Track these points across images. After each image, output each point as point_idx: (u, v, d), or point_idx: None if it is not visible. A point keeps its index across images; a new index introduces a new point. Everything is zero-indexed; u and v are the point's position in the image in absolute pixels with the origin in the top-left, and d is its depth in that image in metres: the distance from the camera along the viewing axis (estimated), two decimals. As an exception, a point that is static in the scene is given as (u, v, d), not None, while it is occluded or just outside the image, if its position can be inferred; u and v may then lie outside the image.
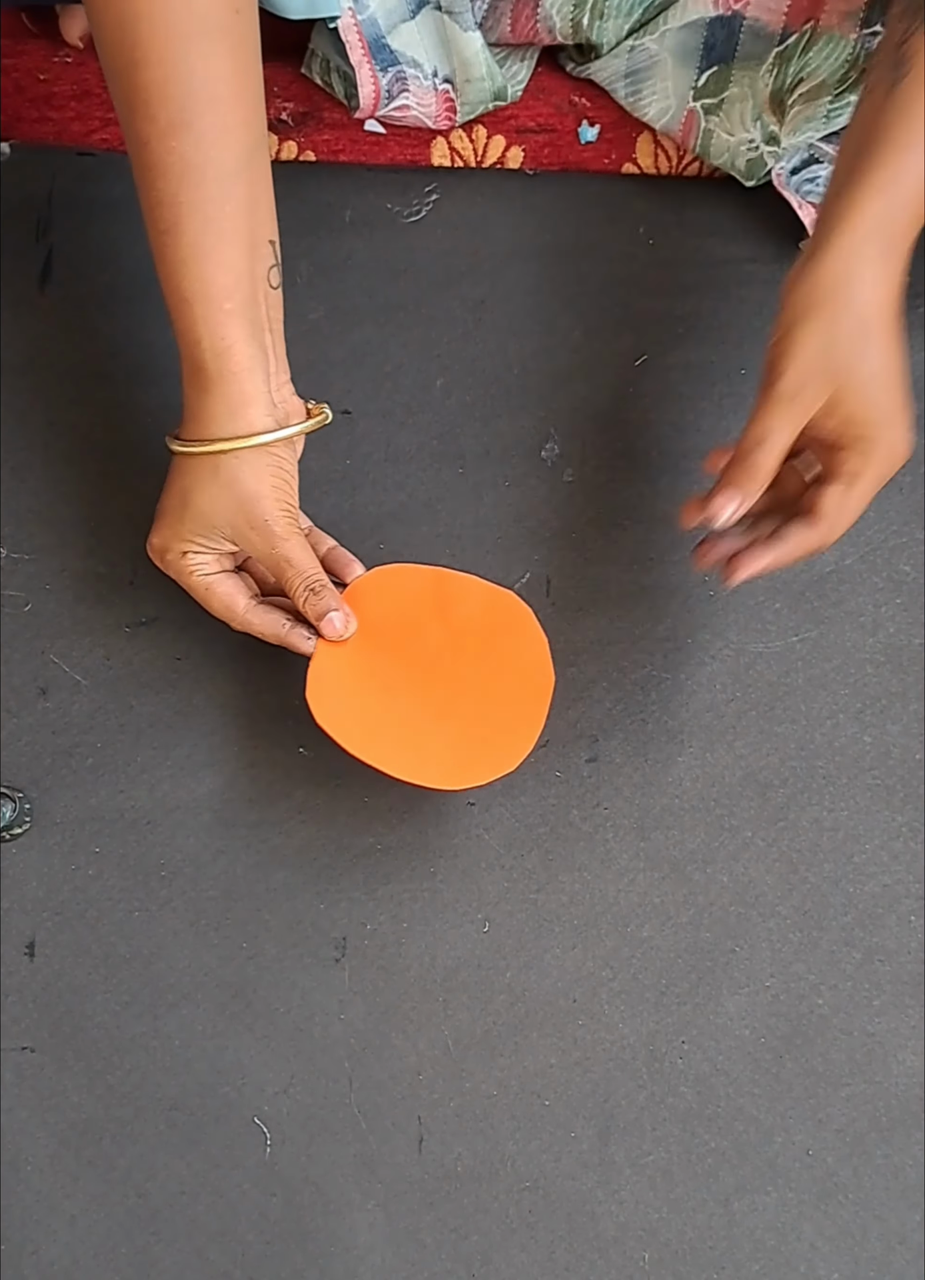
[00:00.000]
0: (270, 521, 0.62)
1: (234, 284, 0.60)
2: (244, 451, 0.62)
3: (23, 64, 0.82)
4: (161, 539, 0.65)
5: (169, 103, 0.56)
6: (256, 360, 0.62)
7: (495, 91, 0.79)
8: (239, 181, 0.59)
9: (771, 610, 0.75)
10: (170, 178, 0.58)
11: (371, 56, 0.76)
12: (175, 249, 0.59)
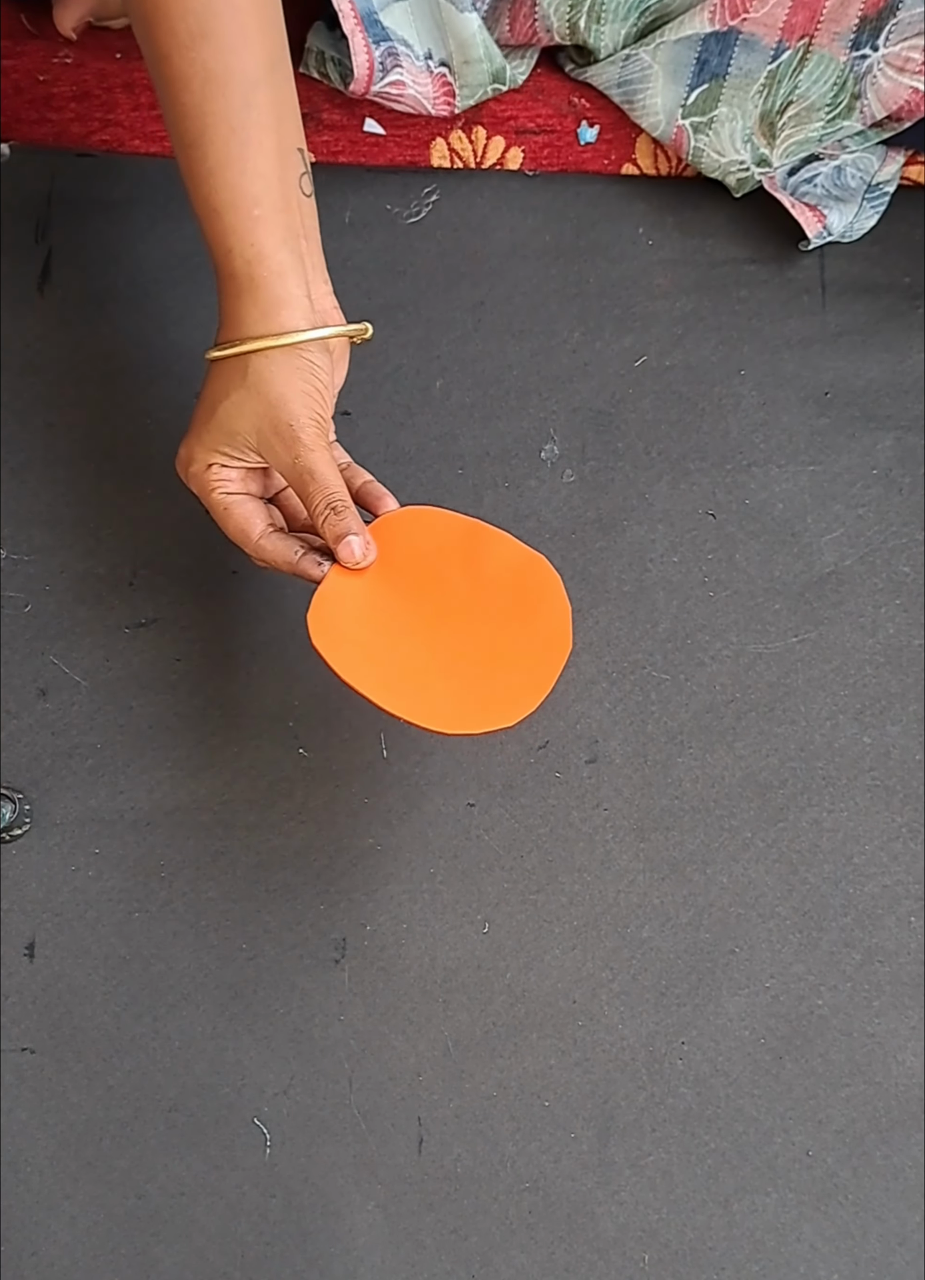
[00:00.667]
0: (296, 427, 0.59)
1: (263, 190, 0.59)
2: (274, 352, 0.59)
3: (22, 65, 0.82)
4: (187, 449, 0.63)
5: (188, 14, 0.56)
6: (289, 265, 0.60)
7: (494, 73, 0.78)
8: (262, 88, 0.58)
9: (771, 611, 0.76)
10: (193, 89, 0.57)
11: (364, 28, 0.75)
12: (202, 160, 0.58)
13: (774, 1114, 0.69)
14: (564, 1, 0.76)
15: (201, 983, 0.70)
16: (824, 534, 0.77)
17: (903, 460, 0.78)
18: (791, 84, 0.76)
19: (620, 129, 0.82)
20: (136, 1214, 0.68)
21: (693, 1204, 0.68)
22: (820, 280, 0.80)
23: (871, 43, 0.74)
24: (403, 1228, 0.68)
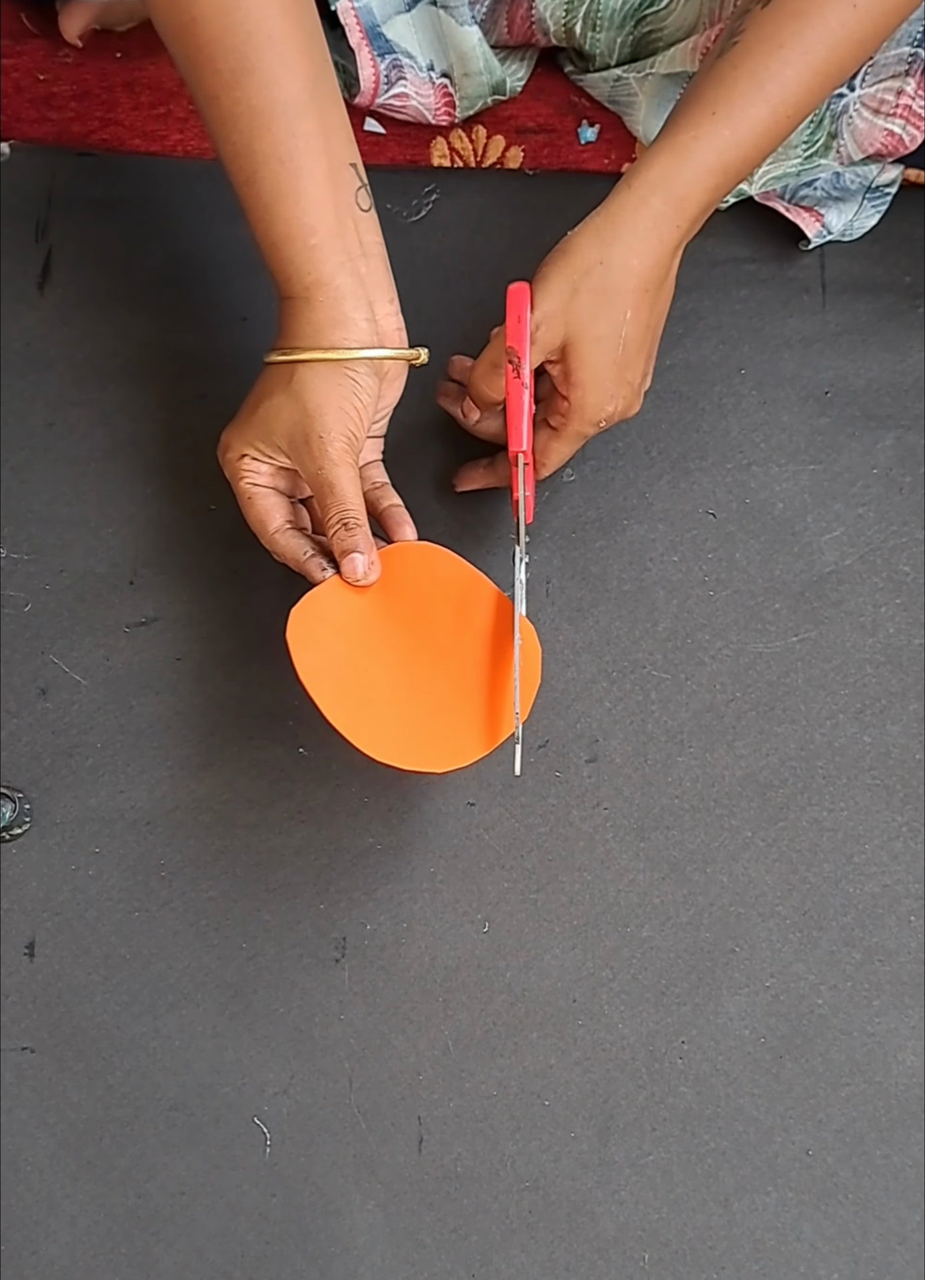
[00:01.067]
0: (326, 439, 0.61)
1: (317, 218, 0.60)
2: (320, 365, 0.61)
3: (23, 64, 0.82)
4: (227, 436, 0.65)
5: (230, 54, 0.57)
6: (347, 288, 0.62)
7: (494, 85, 0.79)
8: (306, 114, 0.59)
9: (771, 610, 0.76)
10: (241, 127, 0.59)
11: (369, 41, 0.76)
12: (257, 196, 0.60)
13: (774, 1113, 0.69)
14: (560, 6, 0.76)
15: (201, 982, 0.70)
16: (824, 533, 0.77)
17: (903, 459, 0.78)
18: None
19: (620, 128, 0.82)
20: (137, 1213, 0.68)
21: (693, 1203, 0.68)
22: (820, 279, 0.80)
23: (848, 83, 0.74)
24: (403, 1227, 0.68)
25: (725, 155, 0.62)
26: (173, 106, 0.82)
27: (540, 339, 0.64)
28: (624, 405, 0.66)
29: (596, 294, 0.63)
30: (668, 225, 0.62)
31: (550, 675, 0.74)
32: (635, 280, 0.62)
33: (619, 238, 0.62)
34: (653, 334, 0.66)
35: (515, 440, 0.66)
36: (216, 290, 0.79)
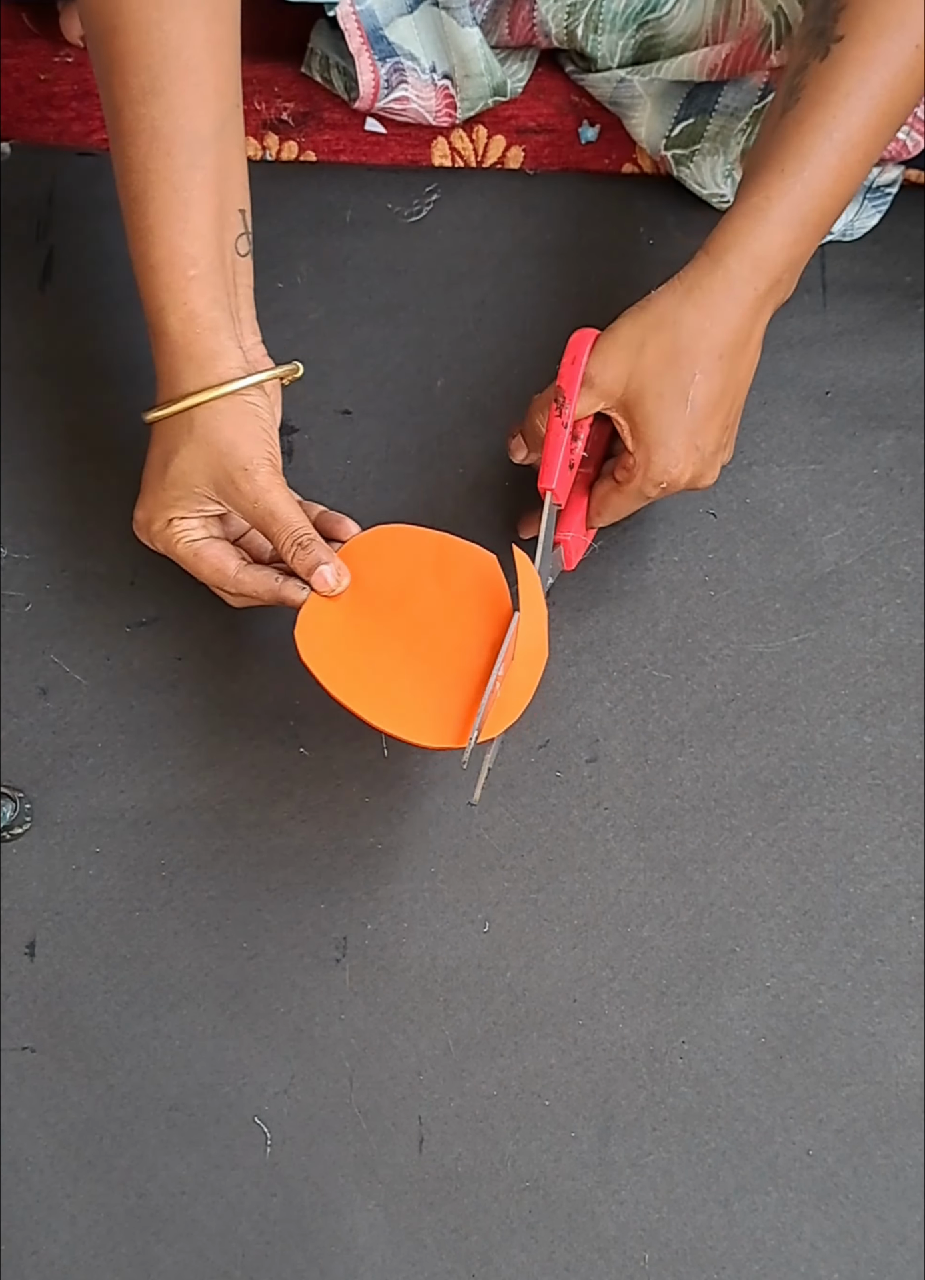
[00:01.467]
0: (250, 470, 0.60)
1: (200, 252, 0.60)
2: (217, 402, 0.60)
3: (23, 64, 0.82)
4: (144, 511, 0.63)
5: (142, 70, 0.57)
6: (221, 321, 0.61)
7: (495, 87, 0.79)
8: (209, 151, 0.59)
9: (772, 610, 0.76)
10: (140, 145, 0.58)
11: (370, 45, 0.76)
12: (143, 216, 0.59)
13: (774, 1113, 0.69)
14: (562, 9, 0.76)
15: (202, 982, 0.70)
16: (825, 533, 0.77)
17: (904, 459, 0.78)
18: None
19: (621, 128, 0.82)
20: (137, 1213, 0.68)
21: (693, 1203, 0.68)
22: (821, 279, 0.80)
23: None
24: (403, 1226, 0.68)
25: (800, 209, 0.61)
26: (173, 106, 0.81)
27: (600, 385, 0.63)
28: (694, 473, 0.64)
29: (665, 352, 0.62)
30: (743, 287, 0.61)
31: (551, 675, 0.74)
32: (707, 343, 0.61)
33: (692, 299, 0.62)
34: (729, 401, 0.64)
35: (545, 478, 0.66)
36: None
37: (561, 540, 0.69)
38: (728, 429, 0.65)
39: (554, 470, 0.65)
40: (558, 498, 0.66)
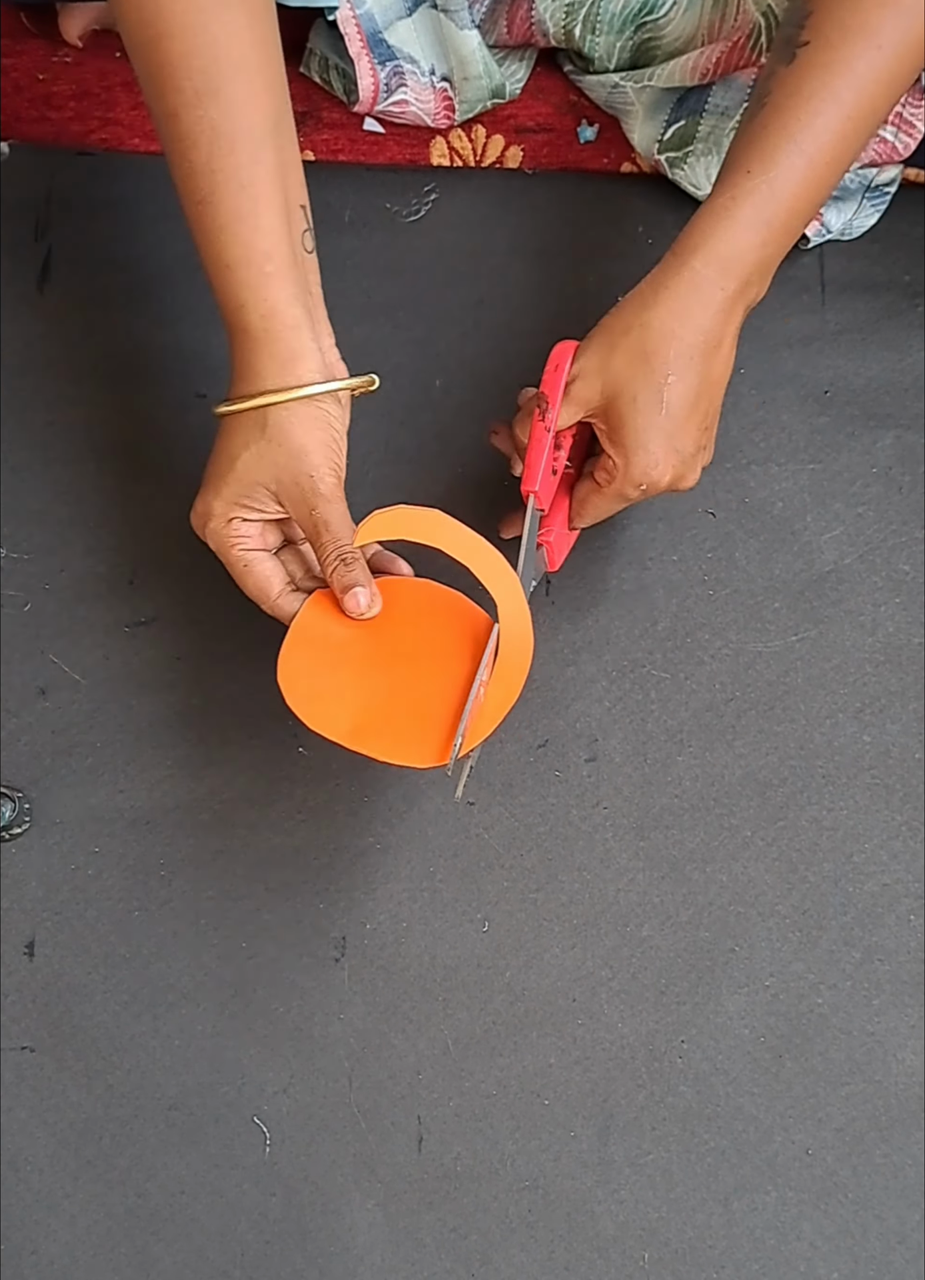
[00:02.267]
0: (316, 478, 0.60)
1: (273, 247, 0.60)
2: (293, 404, 0.60)
3: (22, 64, 0.82)
4: (205, 504, 0.62)
5: (195, 73, 0.57)
6: (302, 319, 0.61)
7: (493, 89, 0.79)
8: (269, 146, 0.59)
9: (771, 610, 0.76)
10: (201, 146, 0.58)
11: (370, 49, 0.76)
12: (213, 217, 0.59)
13: (774, 1112, 0.69)
14: (560, 9, 0.76)
15: (201, 981, 0.70)
16: (824, 532, 0.77)
17: (903, 459, 0.78)
18: None
19: (619, 128, 0.82)
20: (136, 1212, 0.68)
21: (692, 1202, 0.68)
22: (820, 278, 0.80)
23: None
24: (402, 1226, 0.68)
25: (765, 211, 0.61)
26: (172, 106, 0.82)
27: (575, 393, 0.64)
28: (673, 474, 0.64)
29: (634, 354, 0.62)
30: (710, 287, 0.61)
31: (550, 675, 0.74)
32: (677, 344, 0.61)
33: (659, 300, 0.62)
34: (706, 403, 0.64)
35: (528, 480, 0.66)
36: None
37: (544, 542, 0.69)
38: (706, 430, 0.65)
39: (536, 474, 0.66)
40: (540, 501, 0.66)
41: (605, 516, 0.68)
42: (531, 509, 0.67)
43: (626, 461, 0.63)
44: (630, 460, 0.63)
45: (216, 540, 0.63)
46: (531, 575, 0.67)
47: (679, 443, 0.63)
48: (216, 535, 0.63)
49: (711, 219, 0.61)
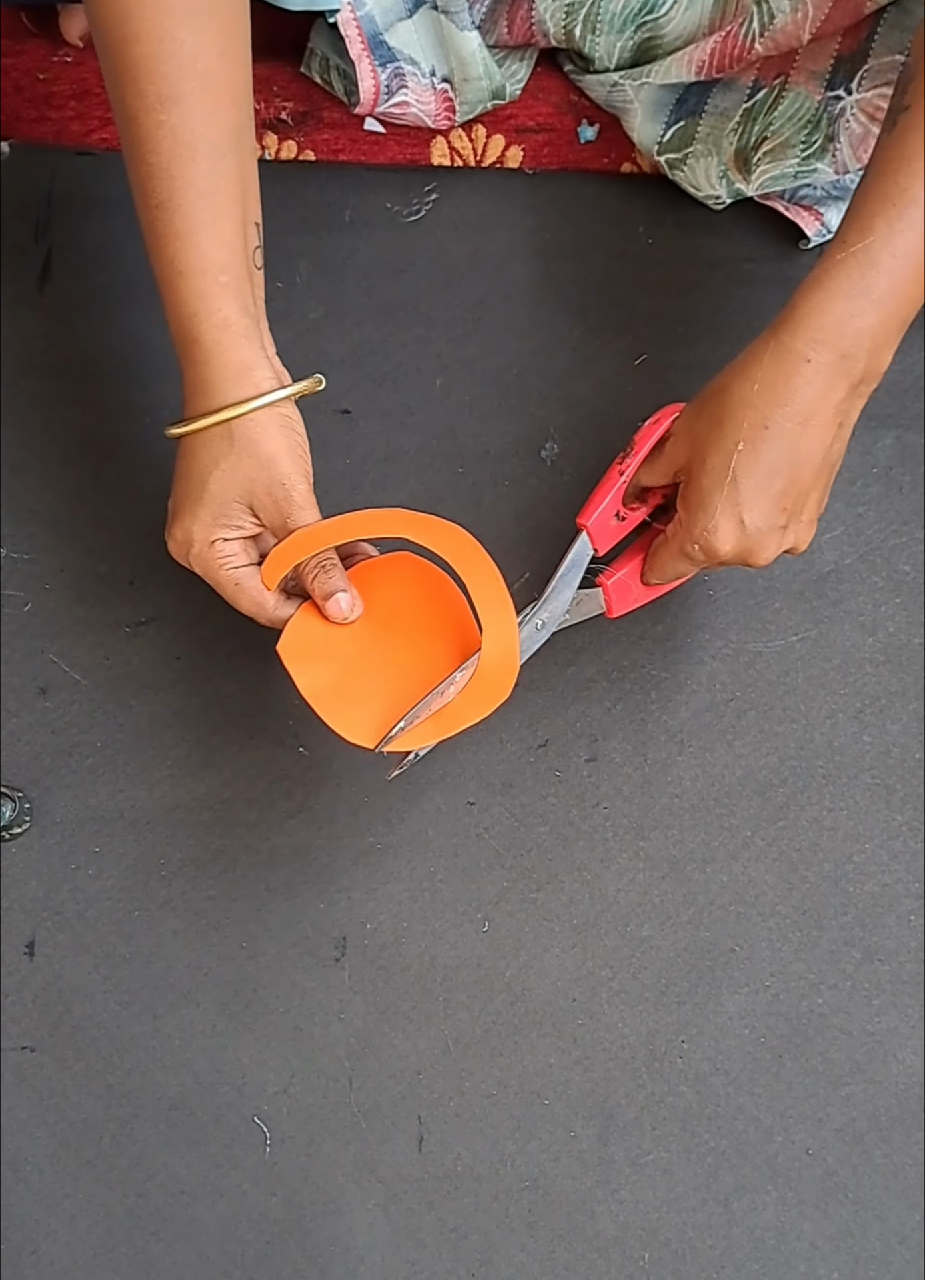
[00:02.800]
0: (288, 485, 0.60)
1: (228, 258, 0.59)
2: (257, 414, 0.60)
3: (22, 64, 0.82)
4: (183, 531, 0.61)
5: (158, 78, 0.57)
6: (252, 331, 0.60)
7: (494, 91, 0.79)
8: (229, 160, 0.59)
9: (771, 610, 0.76)
10: (162, 151, 0.58)
11: (370, 52, 0.76)
12: (169, 222, 0.59)
13: (774, 1112, 0.69)
14: (560, 8, 0.76)
15: (201, 981, 0.70)
16: (824, 533, 0.77)
17: (903, 459, 0.78)
18: (766, 121, 0.76)
19: (620, 127, 0.82)
20: (137, 1212, 0.68)
21: (693, 1202, 0.68)
22: (820, 279, 0.80)
23: (845, 84, 0.74)
24: (403, 1226, 0.68)
25: (862, 280, 0.58)
26: (172, 106, 0.81)
27: (667, 452, 0.64)
28: (736, 545, 0.61)
29: (712, 419, 0.61)
30: (795, 358, 0.59)
31: (550, 675, 0.74)
32: (752, 413, 0.60)
33: (745, 369, 0.61)
34: (785, 480, 0.60)
35: (584, 514, 0.67)
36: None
37: (601, 583, 0.68)
38: (786, 511, 0.61)
39: (595, 510, 0.66)
40: (594, 541, 0.67)
41: (672, 574, 0.66)
42: (579, 543, 0.67)
43: (688, 518, 0.62)
44: (691, 518, 0.62)
45: (202, 565, 0.62)
46: (562, 608, 0.67)
47: (746, 515, 0.61)
48: (202, 560, 0.62)
49: (805, 290, 0.60)
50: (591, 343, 0.80)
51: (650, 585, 0.69)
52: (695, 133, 0.78)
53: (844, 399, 0.60)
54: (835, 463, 0.63)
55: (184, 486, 0.62)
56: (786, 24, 0.72)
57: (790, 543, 0.63)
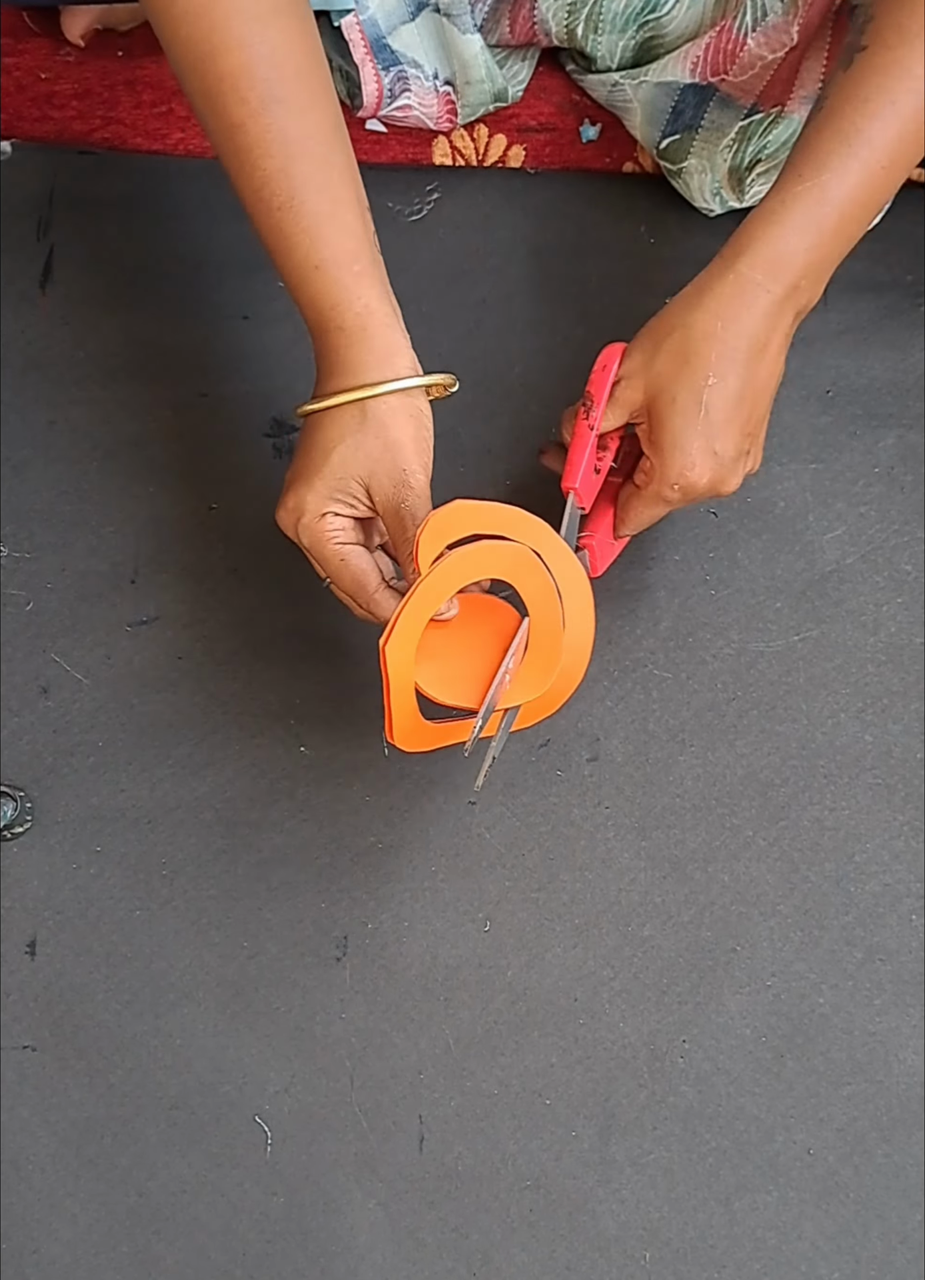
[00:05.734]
0: (408, 473, 0.60)
1: (358, 246, 0.60)
2: (391, 398, 0.60)
3: (24, 63, 0.82)
4: (297, 499, 0.61)
5: (258, 83, 0.57)
6: (393, 316, 0.61)
7: (495, 93, 0.79)
8: (337, 150, 0.60)
9: (772, 609, 0.75)
10: (274, 154, 0.58)
11: (374, 55, 0.76)
12: (295, 221, 0.59)
13: (775, 1112, 0.69)
14: (562, 8, 0.76)
15: (203, 980, 0.70)
16: (826, 532, 0.77)
17: (905, 458, 0.78)
18: (761, 143, 0.77)
19: (622, 127, 0.82)
20: (138, 1212, 0.68)
21: (694, 1202, 0.68)
22: (822, 278, 0.80)
23: None
24: (404, 1225, 0.68)
25: (815, 214, 0.60)
26: (174, 105, 0.82)
27: (620, 395, 0.64)
28: (711, 477, 0.63)
29: (675, 355, 0.62)
30: (755, 290, 0.61)
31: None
32: (718, 346, 0.61)
33: (703, 302, 0.62)
34: (749, 407, 0.63)
35: (568, 477, 0.66)
36: (217, 289, 0.79)
37: (587, 545, 0.68)
38: (749, 435, 0.64)
39: (577, 471, 0.66)
40: (580, 499, 0.67)
41: (647, 522, 0.67)
42: (571, 506, 0.67)
43: (663, 462, 0.63)
44: (666, 460, 0.63)
45: (310, 535, 0.62)
46: None
47: (718, 445, 0.62)
48: (310, 530, 0.61)
49: (760, 222, 0.61)
50: (593, 342, 0.79)
51: (621, 538, 0.69)
52: (690, 147, 0.78)
53: (789, 326, 0.63)
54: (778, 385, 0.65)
55: (305, 458, 0.62)
56: (778, 20, 0.72)
57: (751, 465, 0.66)
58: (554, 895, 0.72)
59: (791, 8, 0.72)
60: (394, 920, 0.71)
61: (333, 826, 0.72)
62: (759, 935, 0.71)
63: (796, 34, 0.72)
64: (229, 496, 0.77)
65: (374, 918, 0.71)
